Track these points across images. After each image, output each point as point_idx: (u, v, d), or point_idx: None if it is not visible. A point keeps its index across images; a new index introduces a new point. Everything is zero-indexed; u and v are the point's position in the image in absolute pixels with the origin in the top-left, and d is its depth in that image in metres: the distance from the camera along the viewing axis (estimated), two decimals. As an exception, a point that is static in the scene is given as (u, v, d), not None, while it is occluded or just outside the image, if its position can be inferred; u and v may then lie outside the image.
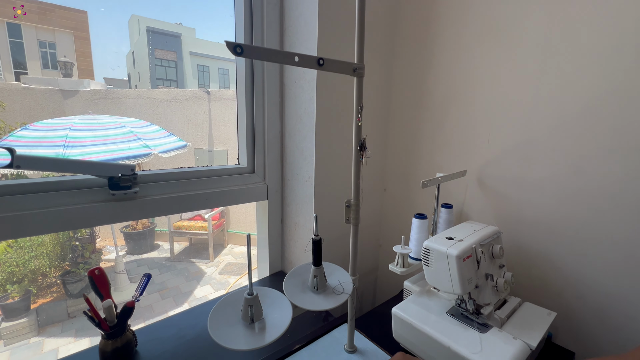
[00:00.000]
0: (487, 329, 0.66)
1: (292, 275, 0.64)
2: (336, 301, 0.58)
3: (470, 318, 0.69)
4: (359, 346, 0.75)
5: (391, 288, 1.24)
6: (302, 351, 0.74)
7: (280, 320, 0.53)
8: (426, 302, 0.76)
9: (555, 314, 0.72)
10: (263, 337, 0.49)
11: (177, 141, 2.92)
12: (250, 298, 0.51)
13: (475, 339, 0.63)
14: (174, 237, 4.06)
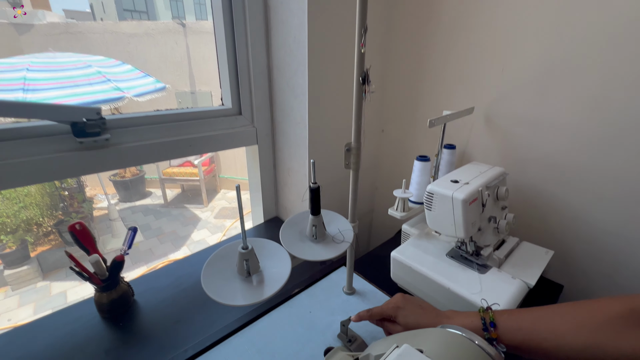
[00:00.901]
0: (486, 270, 0.66)
1: (289, 224, 0.60)
2: (336, 250, 0.55)
3: (470, 259, 0.69)
4: (357, 288, 0.76)
5: (386, 231, 1.25)
6: (301, 295, 0.74)
7: (278, 273, 0.50)
8: (425, 245, 0.75)
9: (553, 252, 0.73)
10: (262, 290, 0.47)
11: (154, 83, 2.67)
12: (245, 252, 0.47)
13: (475, 280, 0.63)
14: (165, 184, 4.02)
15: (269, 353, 0.60)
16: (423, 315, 0.50)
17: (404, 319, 0.51)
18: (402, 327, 0.51)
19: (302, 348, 0.61)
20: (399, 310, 0.52)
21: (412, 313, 0.51)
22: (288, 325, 0.66)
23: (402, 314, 0.51)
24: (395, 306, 0.52)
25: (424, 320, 0.49)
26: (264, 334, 0.64)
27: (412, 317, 0.50)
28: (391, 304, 0.53)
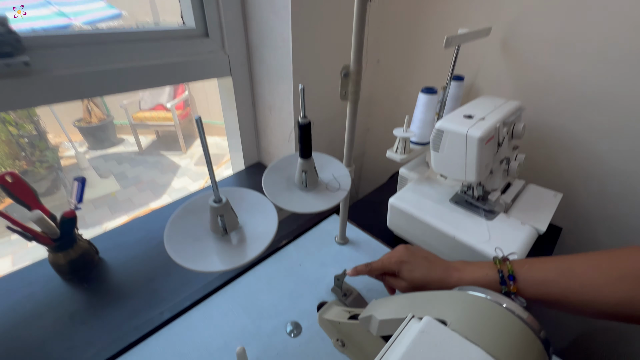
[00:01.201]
0: (493, 216, 0.60)
1: (273, 170, 0.50)
2: (331, 200, 0.46)
3: (476, 205, 0.62)
4: (350, 237, 0.70)
5: (378, 176, 1.17)
6: (289, 247, 0.67)
7: (263, 229, 0.41)
8: (426, 190, 0.68)
9: (562, 195, 0.67)
10: (243, 251, 0.38)
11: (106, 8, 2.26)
12: (218, 206, 0.37)
13: (482, 227, 0.57)
14: (137, 129, 3.73)
15: (256, 311, 0.54)
16: (430, 269, 0.44)
17: (410, 274, 0.44)
18: (407, 282, 0.45)
19: (293, 304, 0.55)
20: (403, 264, 0.45)
21: (418, 267, 0.45)
22: (276, 280, 0.59)
23: (406, 269, 0.45)
24: (399, 260, 0.46)
25: (431, 275, 0.43)
26: (249, 290, 0.57)
27: (419, 272, 0.44)
28: (394, 257, 0.47)
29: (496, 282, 0.38)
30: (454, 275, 0.42)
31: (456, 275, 0.42)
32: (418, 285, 0.43)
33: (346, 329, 0.49)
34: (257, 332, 0.51)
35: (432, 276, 0.43)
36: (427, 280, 0.43)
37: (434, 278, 0.43)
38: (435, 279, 0.43)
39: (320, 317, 0.54)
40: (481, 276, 0.41)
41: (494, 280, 0.39)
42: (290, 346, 0.49)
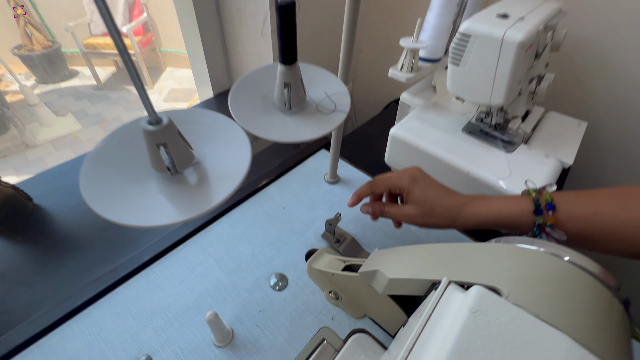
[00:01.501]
0: (513, 148, 0.51)
1: (245, 86, 0.36)
2: (324, 126, 0.34)
3: (493, 135, 0.52)
4: (342, 175, 0.60)
5: (370, 107, 1.04)
6: (270, 187, 0.57)
7: (231, 164, 0.29)
8: (433, 118, 0.57)
9: (587, 123, 0.58)
10: (206, 195, 0.27)
11: None
12: (155, 130, 0.24)
13: (501, 161, 0.48)
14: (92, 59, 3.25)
15: (233, 263, 0.45)
16: (446, 194, 0.36)
17: (422, 194, 0.36)
18: (416, 206, 0.36)
19: (277, 253, 0.47)
20: (416, 182, 0.36)
21: (433, 188, 0.36)
22: (256, 226, 0.50)
23: (419, 188, 0.36)
24: (412, 176, 0.37)
25: (447, 201, 0.35)
26: (223, 239, 0.48)
27: (433, 193, 0.35)
28: (406, 173, 0.37)
29: (529, 213, 0.31)
30: (476, 205, 0.34)
31: (480, 206, 0.34)
32: (427, 211, 0.35)
33: (341, 281, 0.42)
34: (234, 287, 0.43)
35: (448, 203, 0.35)
36: (441, 205, 0.35)
37: (450, 205, 0.35)
38: (452, 207, 0.35)
39: (310, 267, 0.46)
40: (510, 207, 0.32)
41: (526, 211, 0.31)
42: (275, 301, 0.42)
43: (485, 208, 0.33)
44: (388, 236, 0.50)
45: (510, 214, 0.32)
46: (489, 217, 0.33)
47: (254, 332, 0.39)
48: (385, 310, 0.37)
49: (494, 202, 0.34)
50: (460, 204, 0.34)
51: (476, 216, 0.34)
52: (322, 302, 0.42)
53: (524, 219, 0.31)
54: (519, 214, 0.32)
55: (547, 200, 0.31)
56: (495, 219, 0.33)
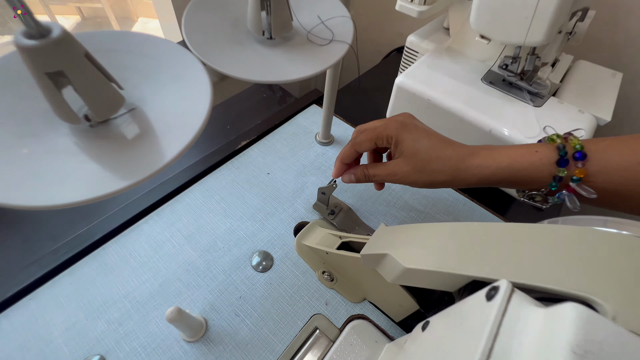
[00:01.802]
0: (542, 101, 0.42)
1: (205, 4, 0.26)
2: (318, 61, 0.25)
3: (518, 86, 0.44)
4: (336, 135, 0.51)
5: (367, 57, 0.92)
6: (251, 149, 0.48)
7: (182, 111, 0.20)
8: (448, 65, 0.47)
9: (622, 74, 0.50)
10: (146, 155, 0.18)
11: None
12: (39, 46, 0.15)
13: (529, 116, 0.40)
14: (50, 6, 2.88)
15: (207, 240, 0.38)
16: (444, 143, 0.28)
17: (414, 144, 0.28)
18: (407, 160, 0.28)
19: (260, 227, 0.39)
20: (405, 129, 0.28)
21: (427, 137, 0.28)
22: (235, 196, 0.42)
23: (410, 136, 0.28)
24: (401, 123, 0.29)
25: (446, 151, 0.27)
26: (194, 211, 0.40)
27: (427, 142, 0.28)
28: (393, 120, 0.29)
29: (549, 163, 0.25)
30: (482, 155, 0.27)
31: (484, 154, 0.27)
32: (420, 166, 0.28)
33: (337, 261, 0.35)
34: (208, 269, 0.35)
35: (445, 153, 0.27)
36: (438, 157, 0.27)
37: (447, 155, 0.27)
38: (448, 158, 0.27)
39: (299, 244, 0.39)
40: (525, 155, 0.26)
41: (546, 161, 0.25)
42: (258, 284, 0.35)
43: (493, 159, 0.26)
44: (391, 205, 0.43)
45: (526, 166, 0.25)
46: (498, 169, 0.26)
47: (232, 322, 0.32)
48: (391, 297, 0.31)
49: (504, 152, 0.27)
50: (462, 155, 0.27)
51: (482, 169, 0.26)
52: (314, 284, 0.36)
53: (542, 172, 0.25)
54: (536, 165, 0.25)
55: (575, 147, 0.24)
56: (506, 172, 0.26)
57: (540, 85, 0.43)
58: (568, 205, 0.25)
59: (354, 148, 0.31)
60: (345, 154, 0.32)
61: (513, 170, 0.26)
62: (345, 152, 0.32)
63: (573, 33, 0.43)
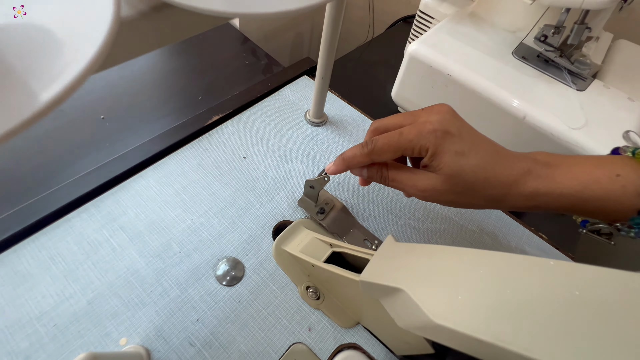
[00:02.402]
0: (585, 84, 0.35)
1: None
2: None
3: (557, 63, 0.36)
4: (330, 113, 0.42)
5: (367, 27, 0.82)
6: (226, 126, 0.39)
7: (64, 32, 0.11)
8: (472, 34, 0.38)
9: (669, 58, 0.42)
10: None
11: None
12: None
13: (571, 102, 0.32)
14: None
15: (160, 240, 0.29)
16: (495, 159, 0.21)
17: (457, 163, 0.20)
18: (444, 179, 0.21)
19: (230, 227, 0.31)
20: (447, 140, 0.20)
21: (475, 149, 0.21)
22: (200, 185, 0.33)
23: (452, 150, 0.20)
24: (443, 131, 0.21)
25: (496, 171, 0.20)
26: (146, 203, 0.31)
27: (475, 160, 0.20)
28: (428, 124, 0.21)
29: (635, 195, 0.19)
30: (538, 174, 0.20)
31: (543, 175, 0.20)
32: (462, 188, 0.21)
33: (325, 276, 0.28)
34: (157, 280, 0.27)
35: (496, 175, 0.20)
36: (486, 181, 0.20)
37: (498, 180, 0.20)
38: (498, 183, 0.20)
39: (279, 250, 0.31)
40: (600, 180, 0.19)
41: (632, 190, 0.19)
42: (223, 302, 0.27)
43: (556, 183, 0.20)
44: (396, 205, 0.35)
45: (601, 195, 0.19)
46: (561, 197, 0.20)
47: (186, 354, 0.25)
48: (397, 331, 0.23)
49: (572, 171, 0.20)
50: (517, 175, 0.20)
51: (540, 196, 0.20)
52: (296, 303, 0.28)
53: (622, 204, 0.19)
54: (616, 195, 0.19)
55: None
56: (572, 200, 0.20)
57: (584, 64, 0.35)
58: None
59: (370, 157, 0.23)
60: (354, 159, 0.24)
61: (582, 200, 0.19)
62: (356, 158, 0.23)
63: (629, 1, 0.35)
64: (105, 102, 0.42)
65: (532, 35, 0.37)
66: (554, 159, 0.21)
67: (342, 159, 0.24)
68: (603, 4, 0.27)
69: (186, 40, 0.52)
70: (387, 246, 0.22)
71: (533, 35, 0.37)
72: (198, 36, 0.53)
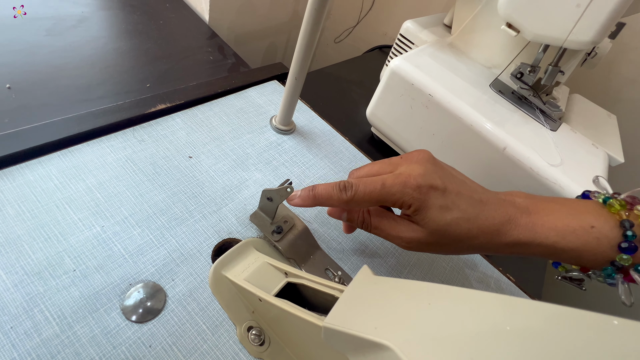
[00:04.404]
0: (555, 125, 0.35)
1: None
2: None
3: (530, 102, 0.36)
4: (299, 123, 0.38)
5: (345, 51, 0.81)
6: (173, 118, 0.32)
7: None
8: (451, 62, 0.37)
9: (615, 117, 0.46)
10: None
11: None
12: None
13: (545, 140, 0.32)
14: None
15: (46, 253, 0.21)
16: (475, 210, 0.21)
17: (442, 217, 0.20)
18: (428, 233, 0.21)
19: (156, 240, 0.24)
20: (430, 195, 0.20)
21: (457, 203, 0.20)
22: (123, 182, 0.26)
23: (436, 206, 0.20)
24: (427, 185, 0.20)
25: (477, 222, 0.20)
26: (37, 199, 0.23)
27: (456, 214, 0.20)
28: (412, 179, 0.20)
29: (608, 247, 0.19)
30: (519, 224, 0.21)
31: (524, 225, 0.20)
32: (445, 242, 0.21)
33: (274, 314, 0.21)
34: (26, 309, 0.19)
35: (477, 225, 0.20)
36: (469, 233, 0.20)
37: (479, 228, 0.20)
38: (480, 233, 0.20)
39: (218, 275, 0.24)
40: (577, 230, 0.19)
41: (605, 243, 0.19)
42: (126, 346, 0.19)
43: (535, 233, 0.20)
44: (361, 230, 0.30)
45: (577, 246, 0.19)
46: (539, 247, 0.20)
47: None
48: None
49: (549, 222, 0.20)
50: (498, 224, 0.20)
51: (517, 247, 0.21)
52: (231, 350, 0.21)
53: (596, 255, 0.19)
54: (591, 246, 0.19)
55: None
56: (549, 250, 0.20)
57: (554, 106, 0.35)
58: (620, 297, 0.19)
59: (348, 204, 0.22)
60: (329, 200, 0.22)
61: (559, 250, 0.20)
62: (332, 200, 0.22)
63: (593, 54, 0.37)
64: (16, 69, 0.33)
65: (507, 73, 0.37)
66: (532, 205, 0.21)
67: (313, 196, 0.22)
68: (584, 45, 0.27)
69: (142, 20, 0.46)
70: (362, 280, 0.17)
71: (508, 72, 0.37)
72: (157, 19, 0.47)
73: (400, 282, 0.15)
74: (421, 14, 0.47)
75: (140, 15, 0.47)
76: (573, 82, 0.54)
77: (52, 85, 0.34)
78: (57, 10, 0.42)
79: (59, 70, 0.35)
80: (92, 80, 0.36)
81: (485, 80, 0.37)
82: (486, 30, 0.38)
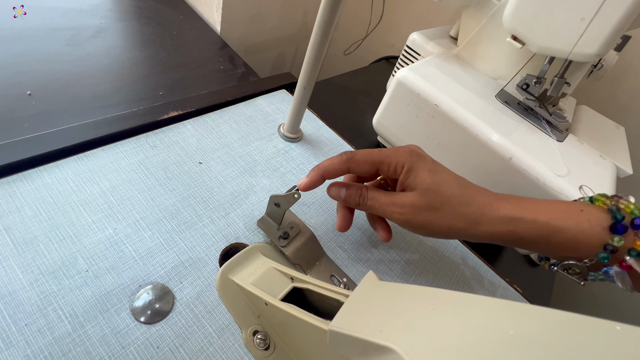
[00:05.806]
0: (562, 136, 0.35)
1: None
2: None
3: (536, 113, 0.36)
4: (307, 131, 0.39)
5: (353, 62, 0.83)
6: (184, 125, 0.33)
7: None
8: (457, 73, 0.38)
9: (623, 128, 0.46)
10: None
11: None
12: None
13: (552, 151, 0.32)
14: None
15: (61, 253, 0.21)
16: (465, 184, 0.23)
17: (431, 176, 0.22)
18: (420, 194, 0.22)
19: (165, 243, 0.24)
20: (420, 159, 0.23)
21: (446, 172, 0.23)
22: (135, 186, 0.26)
23: (426, 167, 0.23)
24: (414, 151, 0.24)
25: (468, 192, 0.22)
26: (53, 201, 0.24)
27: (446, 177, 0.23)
28: (402, 148, 0.24)
29: (601, 228, 0.20)
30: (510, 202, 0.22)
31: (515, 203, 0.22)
32: (436, 203, 0.22)
33: (280, 318, 0.22)
34: (40, 308, 0.19)
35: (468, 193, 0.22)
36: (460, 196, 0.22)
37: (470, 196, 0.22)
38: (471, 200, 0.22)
39: (225, 279, 0.25)
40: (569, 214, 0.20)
41: (597, 225, 0.20)
42: (134, 346, 0.20)
43: (528, 209, 0.21)
44: (375, 235, 0.31)
45: (571, 226, 0.20)
46: (533, 224, 0.21)
47: None
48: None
49: (540, 204, 0.21)
50: (490, 198, 0.22)
51: (513, 221, 0.21)
52: (237, 353, 0.21)
53: (590, 237, 0.20)
54: (583, 227, 0.20)
55: (634, 212, 0.19)
56: (543, 229, 0.20)
57: (561, 117, 0.35)
58: (619, 285, 0.19)
59: (347, 165, 0.24)
60: (331, 167, 0.24)
61: (552, 229, 0.20)
62: (333, 165, 0.24)
63: (600, 66, 0.37)
64: (37, 77, 0.35)
65: (513, 84, 0.37)
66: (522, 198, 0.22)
67: (317, 168, 0.24)
68: (589, 57, 0.27)
69: (157, 31, 0.47)
70: (368, 285, 0.17)
71: (514, 83, 0.37)
72: (171, 30, 0.49)
73: (406, 287, 0.15)
74: (428, 26, 0.48)
75: (155, 27, 0.48)
76: (580, 93, 0.54)
77: (70, 92, 0.35)
78: (77, 21, 0.44)
79: (77, 79, 0.37)
80: (108, 88, 0.38)
81: (491, 91, 0.37)
82: (492, 42, 0.39)
